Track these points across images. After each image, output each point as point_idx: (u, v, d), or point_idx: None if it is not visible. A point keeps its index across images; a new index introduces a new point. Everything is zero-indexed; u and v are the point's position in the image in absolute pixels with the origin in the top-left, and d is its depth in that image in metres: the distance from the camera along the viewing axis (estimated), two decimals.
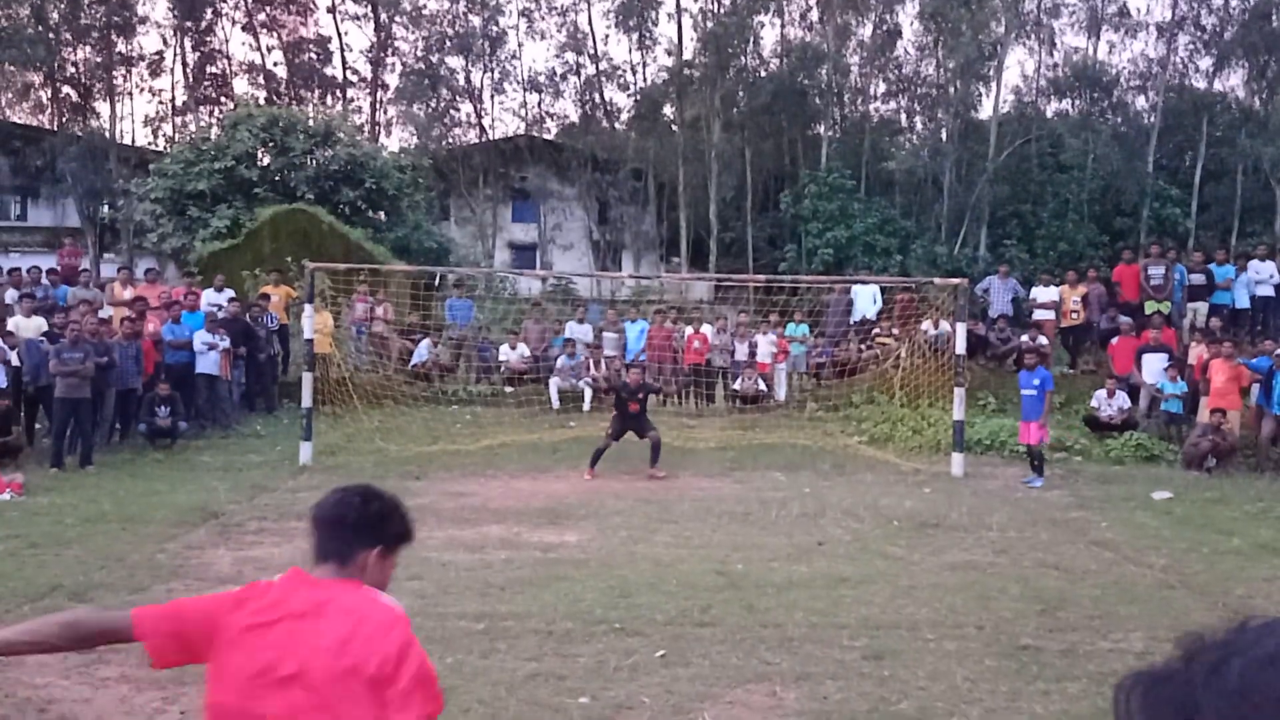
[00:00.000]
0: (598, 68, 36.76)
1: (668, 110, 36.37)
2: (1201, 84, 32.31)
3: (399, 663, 2.48)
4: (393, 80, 38.92)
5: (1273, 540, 10.17)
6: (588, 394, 18.07)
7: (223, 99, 38.10)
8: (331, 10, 38.06)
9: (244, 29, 38.31)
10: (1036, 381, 13.60)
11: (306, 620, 2.48)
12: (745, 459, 15.02)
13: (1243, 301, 19.39)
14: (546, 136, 38.50)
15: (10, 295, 16.05)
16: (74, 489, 11.88)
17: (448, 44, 36.67)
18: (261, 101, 32.13)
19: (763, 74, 33.65)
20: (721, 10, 32.81)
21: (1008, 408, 18.00)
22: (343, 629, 2.48)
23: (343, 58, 39.76)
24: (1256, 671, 0.92)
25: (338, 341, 17.28)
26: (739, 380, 18.40)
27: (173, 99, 38.29)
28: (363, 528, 2.66)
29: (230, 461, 14.01)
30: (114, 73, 36.14)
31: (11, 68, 34.40)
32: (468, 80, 37.38)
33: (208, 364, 16.06)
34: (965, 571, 8.76)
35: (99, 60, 35.79)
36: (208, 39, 38.17)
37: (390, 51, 38.88)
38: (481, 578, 8.25)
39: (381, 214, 27.11)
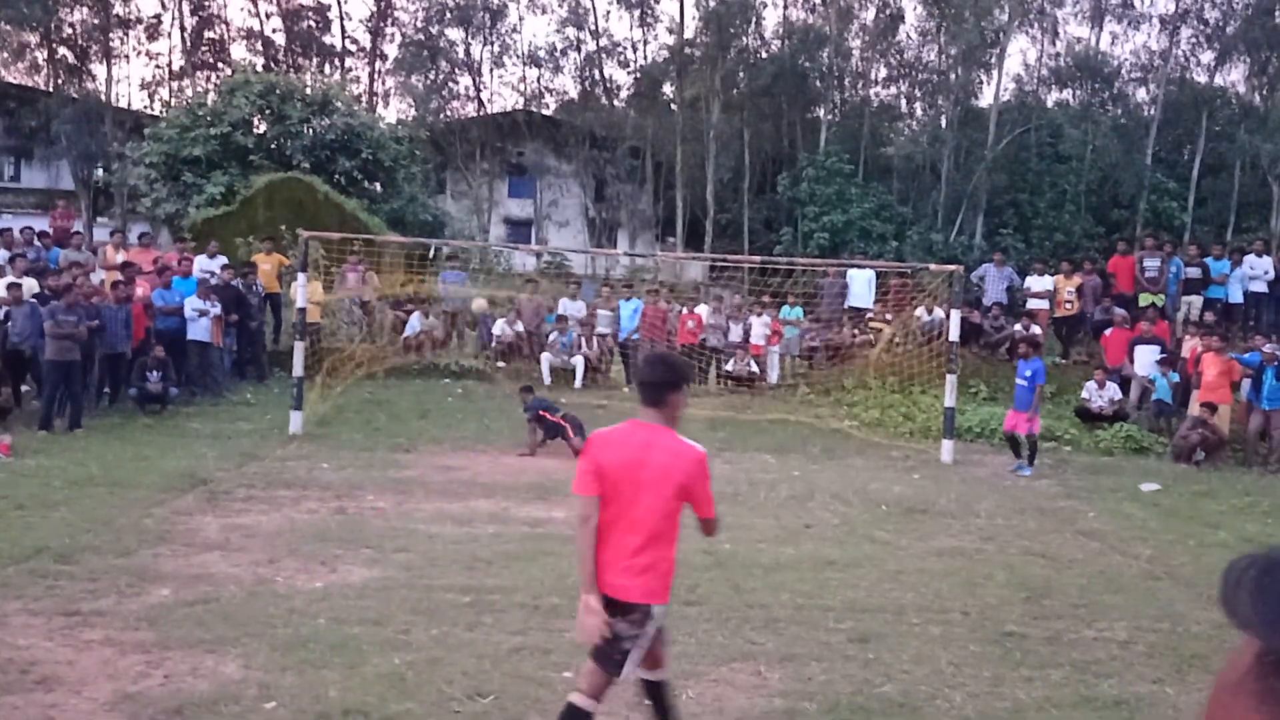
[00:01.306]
0: (598, 44, 36.60)
1: (667, 89, 36.27)
2: (1202, 78, 32.31)
3: (698, 479, 4.19)
4: (392, 51, 38.79)
5: (1258, 534, 10.22)
6: (579, 371, 18.05)
7: (220, 65, 37.89)
8: None
9: None
10: (1029, 373, 13.59)
11: (645, 449, 4.21)
12: (735, 440, 15.01)
13: (1236, 296, 19.41)
14: (545, 112, 38.37)
15: (1, 255, 15.94)
16: (62, 452, 11.83)
17: (448, 15, 36.48)
18: (259, 68, 31.93)
19: (764, 55, 33.55)
20: None
21: (999, 396, 18.02)
22: (666, 455, 4.19)
23: (342, 26, 39.62)
24: None
25: (329, 311, 17.20)
26: (732, 361, 18.39)
27: (170, 63, 38.08)
28: (663, 381, 4.34)
29: (220, 429, 13.96)
30: (111, 35, 35.91)
31: (7, 27, 34.12)
32: (467, 53, 37.22)
33: (199, 330, 15.98)
34: (952, 558, 8.78)
35: (96, 22, 35.53)
36: (206, 4, 37.91)
37: (390, 21, 38.71)
38: (469, 551, 8.25)
39: (377, 185, 27.03)
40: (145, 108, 37.44)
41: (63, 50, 35.76)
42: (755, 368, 18.36)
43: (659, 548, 4.21)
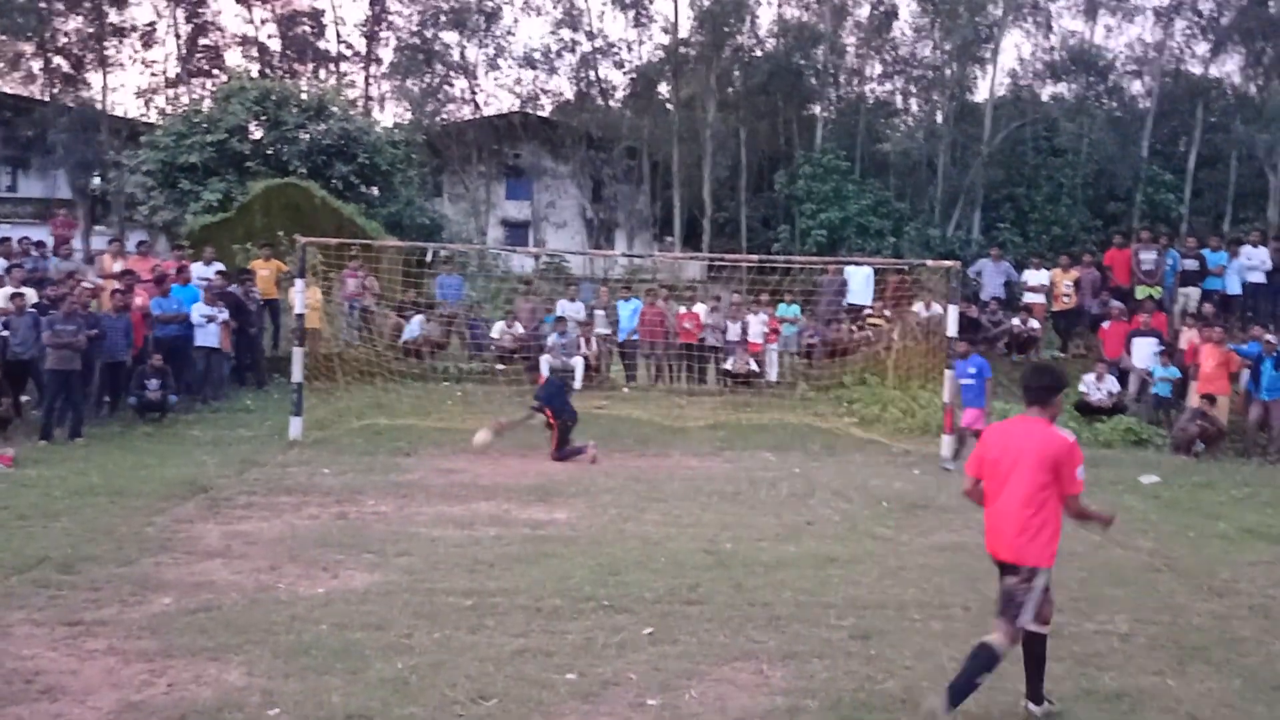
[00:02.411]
0: (593, 45, 36.53)
1: (663, 89, 36.23)
2: (1197, 69, 32.26)
3: (1065, 461, 5.13)
4: (387, 54, 38.70)
5: (1258, 525, 10.24)
6: (579, 372, 18.06)
7: (215, 71, 37.82)
8: None
9: (237, 1, 38.02)
10: (973, 370, 13.47)
11: (1025, 437, 5.23)
12: (736, 438, 15.04)
13: (1234, 288, 19.43)
14: (541, 114, 38.31)
15: None
16: (63, 461, 11.85)
17: (443, 18, 36.41)
18: (254, 74, 31.89)
19: (759, 53, 33.49)
20: None
21: (998, 391, 18.03)
22: (1040, 441, 5.17)
23: (336, 31, 39.59)
24: None
25: (328, 317, 17.21)
26: (731, 360, 18.41)
27: (165, 71, 38.04)
28: (1048, 386, 5.41)
29: (220, 436, 13.98)
30: (106, 43, 35.84)
31: (3, 37, 34.08)
32: (462, 56, 37.16)
33: (207, 336, 16.01)
34: (953, 553, 8.79)
35: (91, 30, 35.48)
36: (200, 10, 37.87)
37: (385, 25, 38.64)
38: (470, 554, 8.26)
39: (374, 189, 26.97)
40: (141, 115, 37.37)
41: (58, 59, 35.70)
42: (754, 366, 18.37)
43: (1037, 519, 5.15)
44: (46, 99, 35.39)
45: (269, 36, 39.00)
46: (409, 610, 6.76)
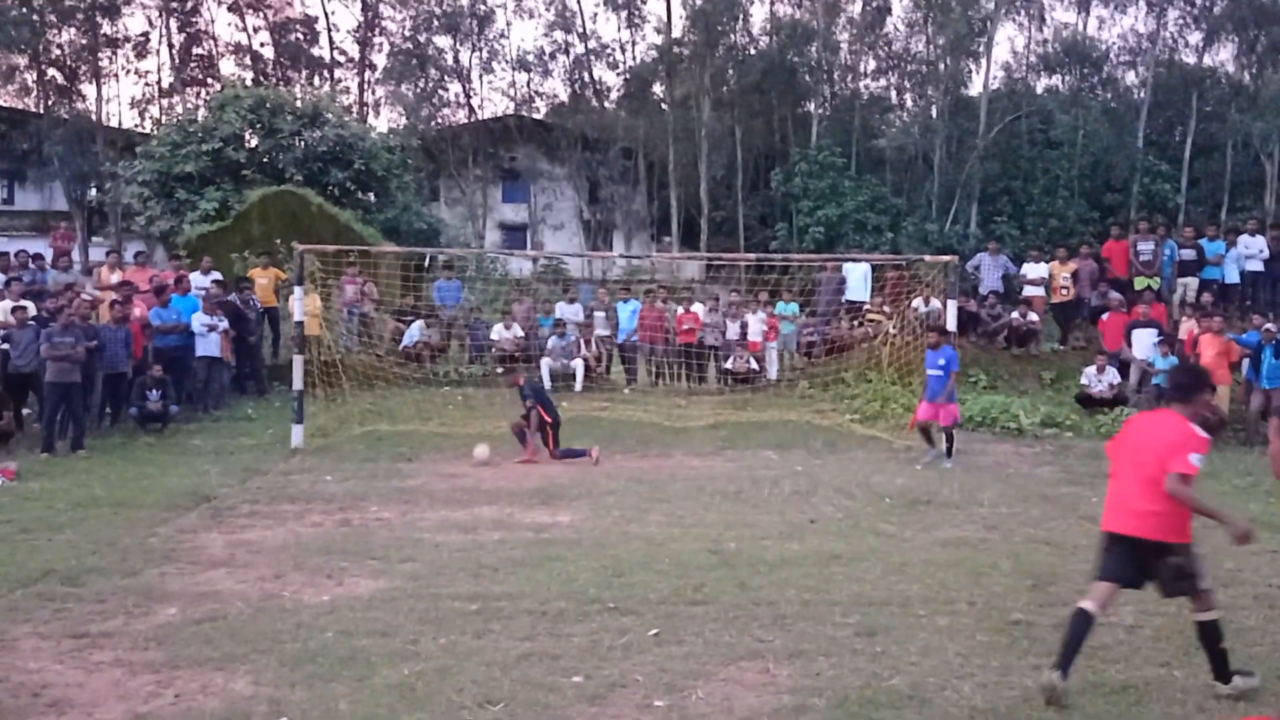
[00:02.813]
0: (586, 46, 36.58)
1: (657, 89, 36.26)
2: (1191, 59, 32.32)
3: (1181, 445, 5.33)
4: (380, 60, 38.77)
5: (1262, 514, 10.22)
6: (579, 374, 18.06)
7: (209, 80, 37.86)
8: None
9: (230, 9, 38.09)
10: (941, 361, 13.38)
11: (1149, 427, 5.63)
12: (737, 437, 15.04)
13: (1232, 277, 19.43)
14: (536, 116, 38.36)
15: None
16: (65, 474, 11.85)
17: (435, 23, 36.46)
18: (249, 82, 31.90)
19: (752, 52, 33.52)
20: None
21: (999, 384, 18.06)
22: (1169, 432, 5.42)
23: (330, 38, 39.57)
24: None
25: (328, 323, 17.23)
26: (731, 359, 18.41)
27: (159, 81, 38.08)
28: (1193, 385, 5.69)
29: (221, 445, 13.98)
30: (100, 54, 35.89)
31: None
32: (456, 60, 37.23)
33: (209, 346, 16.02)
34: (957, 548, 8.79)
35: (84, 42, 35.53)
36: (194, 20, 37.91)
37: (378, 31, 38.72)
38: (475, 558, 8.26)
39: (371, 195, 27.00)
40: (136, 126, 37.45)
41: (52, 71, 35.75)
42: (755, 364, 18.38)
43: (1167, 502, 5.38)
44: (41, 111, 35.42)
45: (262, 44, 39.10)
46: (414, 616, 6.76)
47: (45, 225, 31.56)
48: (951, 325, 14.63)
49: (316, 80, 38.21)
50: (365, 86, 39.17)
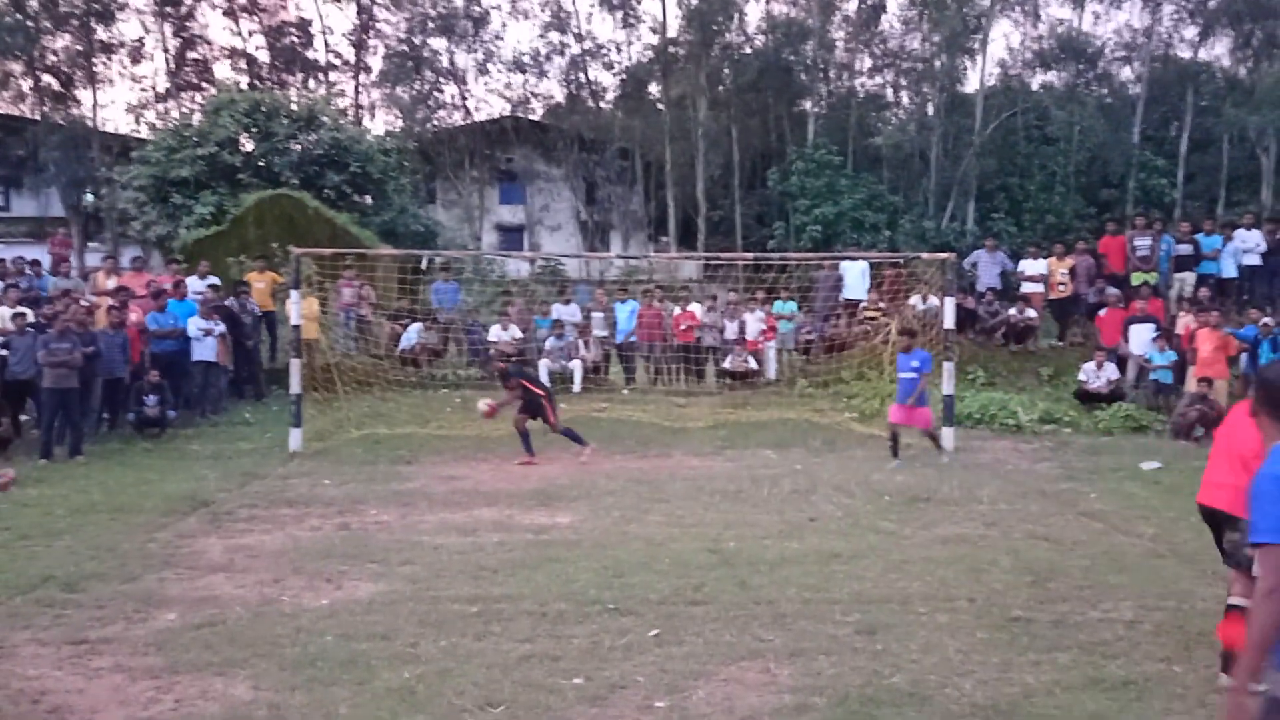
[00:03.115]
0: (582, 47, 36.57)
1: (653, 89, 36.27)
2: (1187, 54, 32.32)
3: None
4: (376, 63, 38.72)
5: None
6: (577, 375, 18.06)
7: (204, 84, 37.79)
8: None
9: (225, 13, 38.01)
10: (915, 364, 13.33)
11: (1231, 429, 5.81)
12: (736, 437, 15.04)
13: (1229, 271, 19.43)
14: (532, 117, 38.34)
15: None
16: (63, 480, 11.84)
17: (430, 25, 36.43)
18: (244, 86, 31.87)
19: (748, 51, 33.55)
20: None
21: (997, 381, 18.06)
22: (1244, 431, 5.48)
23: (325, 41, 39.53)
24: None
25: (325, 327, 17.21)
26: (729, 358, 18.41)
27: (154, 85, 38.00)
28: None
29: (220, 449, 13.97)
30: (95, 60, 35.82)
31: None
32: (451, 62, 37.20)
33: (205, 350, 16.01)
34: (956, 545, 8.79)
35: (79, 48, 35.46)
36: (188, 24, 37.84)
37: (372, 34, 38.64)
38: (474, 560, 8.26)
39: (367, 198, 26.96)
40: (132, 131, 37.31)
41: (47, 78, 35.69)
42: (753, 363, 18.38)
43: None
44: (37, 117, 35.38)
45: (257, 48, 39.01)
46: (414, 619, 6.76)
47: (42, 231, 31.57)
48: (949, 322, 14.63)
49: (312, 83, 38.16)
50: (361, 89, 39.14)
